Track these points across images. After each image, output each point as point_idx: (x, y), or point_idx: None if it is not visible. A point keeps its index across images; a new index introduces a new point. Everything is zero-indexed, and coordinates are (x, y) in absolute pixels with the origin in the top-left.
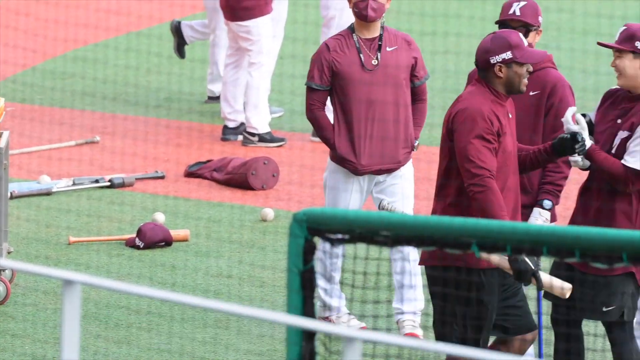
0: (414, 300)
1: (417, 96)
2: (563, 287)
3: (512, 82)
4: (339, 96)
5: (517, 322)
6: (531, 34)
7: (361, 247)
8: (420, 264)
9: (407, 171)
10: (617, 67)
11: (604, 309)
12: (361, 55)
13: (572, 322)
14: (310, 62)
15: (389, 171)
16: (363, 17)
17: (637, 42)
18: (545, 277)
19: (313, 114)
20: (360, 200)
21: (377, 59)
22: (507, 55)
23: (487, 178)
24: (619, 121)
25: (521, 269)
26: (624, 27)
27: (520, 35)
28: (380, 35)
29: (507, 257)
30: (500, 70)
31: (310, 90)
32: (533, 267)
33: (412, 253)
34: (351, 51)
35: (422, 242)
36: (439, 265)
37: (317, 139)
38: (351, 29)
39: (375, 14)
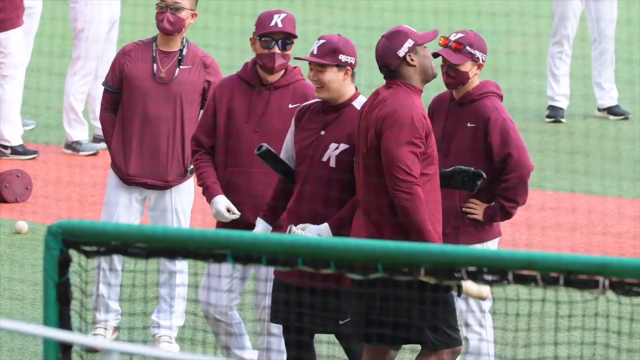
0: (172, 313)
1: None
2: (480, 290)
3: (425, 66)
4: (122, 101)
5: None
6: (292, 46)
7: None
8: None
9: (184, 187)
10: (320, 81)
11: (340, 322)
12: (154, 65)
13: (305, 331)
14: None
15: (159, 188)
16: (160, 28)
17: (341, 55)
18: (465, 284)
19: (101, 114)
20: (130, 214)
21: (165, 72)
22: (410, 43)
23: (415, 185)
24: (322, 133)
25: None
26: (323, 41)
27: (406, 25)
28: (181, 50)
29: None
30: (412, 60)
31: (104, 90)
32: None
33: (178, 265)
34: (145, 59)
35: (176, 254)
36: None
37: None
38: (154, 39)
39: (172, 27)
